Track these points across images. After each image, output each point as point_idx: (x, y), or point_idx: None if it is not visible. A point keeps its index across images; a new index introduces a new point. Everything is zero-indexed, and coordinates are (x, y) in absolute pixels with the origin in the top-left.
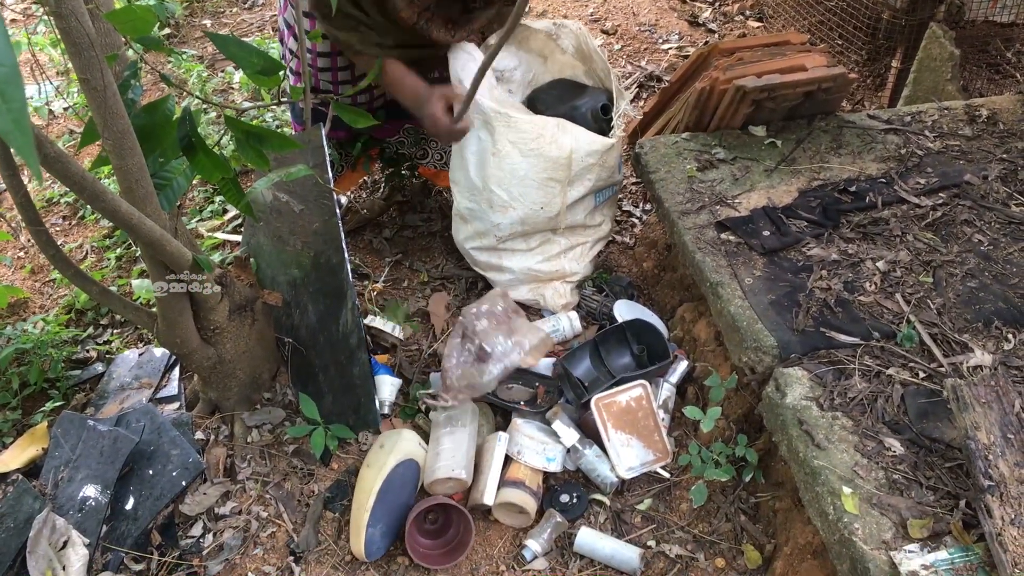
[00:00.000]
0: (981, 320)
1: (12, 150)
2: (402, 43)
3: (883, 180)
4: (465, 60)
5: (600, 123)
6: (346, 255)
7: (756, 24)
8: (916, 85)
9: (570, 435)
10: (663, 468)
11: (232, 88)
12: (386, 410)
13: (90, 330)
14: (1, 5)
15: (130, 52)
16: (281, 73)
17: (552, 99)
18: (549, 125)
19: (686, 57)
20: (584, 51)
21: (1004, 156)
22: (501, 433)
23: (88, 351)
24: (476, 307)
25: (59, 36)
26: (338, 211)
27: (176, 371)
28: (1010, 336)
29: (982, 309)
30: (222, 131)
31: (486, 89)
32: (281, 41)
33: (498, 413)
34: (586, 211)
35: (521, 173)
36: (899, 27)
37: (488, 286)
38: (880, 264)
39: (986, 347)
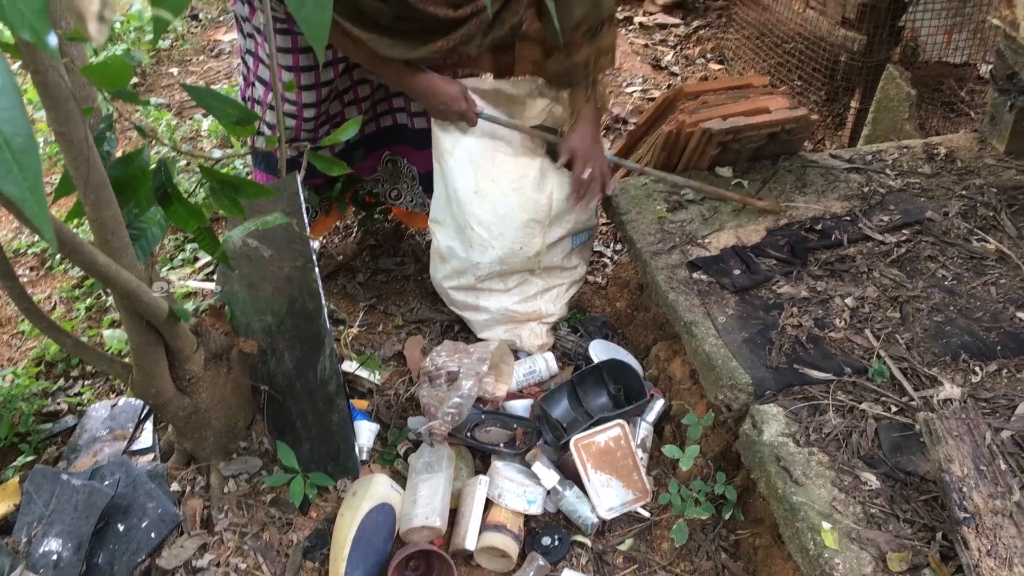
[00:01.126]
0: (948, 353)
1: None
2: (401, 31)
3: (848, 218)
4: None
5: None
6: (323, 301)
7: (717, 67)
8: (875, 124)
9: (550, 477)
10: (643, 507)
11: (200, 136)
12: (364, 456)
13: (60, 382)
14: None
15: (100, 101)
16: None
17: None
18: (533, 166)
19: (650, 100)
20: (564, 100)
21: (963, 193)
22: (481, 477)
23: (59, 404)
24: (428, 360)
25: (34, 90)
26: (315, 258)
27: (150, 422)
28: (977, 369)
29: (949, 343)
30: (192, 179)
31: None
32: (244, 97)
33: (477, 456)
34: (563, 253)
35: (502, 212)
36: (856, 68)
37: (464, 328)
38: (848, 300)
39: (954, 380)
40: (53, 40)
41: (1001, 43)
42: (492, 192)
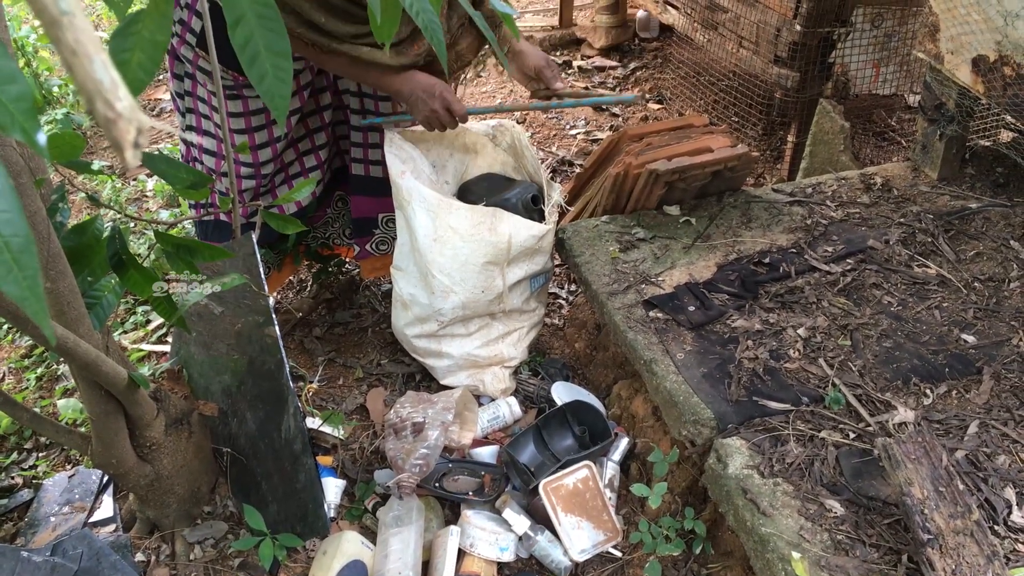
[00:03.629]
0: (900, 378)
1: None
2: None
3: (794, 250)
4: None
5: (531, 213)
6: (285, 359)
7: (656, 106)
8: (812, 157)
9: (521, 522)
10: (615, 547)
11: (146, 196)
12: (332, 513)
13: (14, 455)
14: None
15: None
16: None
17: (483, 190)
18: (487, 213)
19: (594, 141)
20: (516, 148)
21: (902, 220)
22: (453, 527)
23: (13, 478)
24: (392, 411)
25: None
26: (273, 316)
27: (109, 491)
28: (928, 391)
29: (899, 367)
30: (141, 241)
31: (427, 178)
32: (187, 159)
33: (446, 506)
34: (523, 297)
35: (463, 258)
36: (791, 104)
37: (426, 377)
38: (800, 331)
39: (907, 403)
40: (42, 139)
41: (927, 75)
42: (451, 239)
